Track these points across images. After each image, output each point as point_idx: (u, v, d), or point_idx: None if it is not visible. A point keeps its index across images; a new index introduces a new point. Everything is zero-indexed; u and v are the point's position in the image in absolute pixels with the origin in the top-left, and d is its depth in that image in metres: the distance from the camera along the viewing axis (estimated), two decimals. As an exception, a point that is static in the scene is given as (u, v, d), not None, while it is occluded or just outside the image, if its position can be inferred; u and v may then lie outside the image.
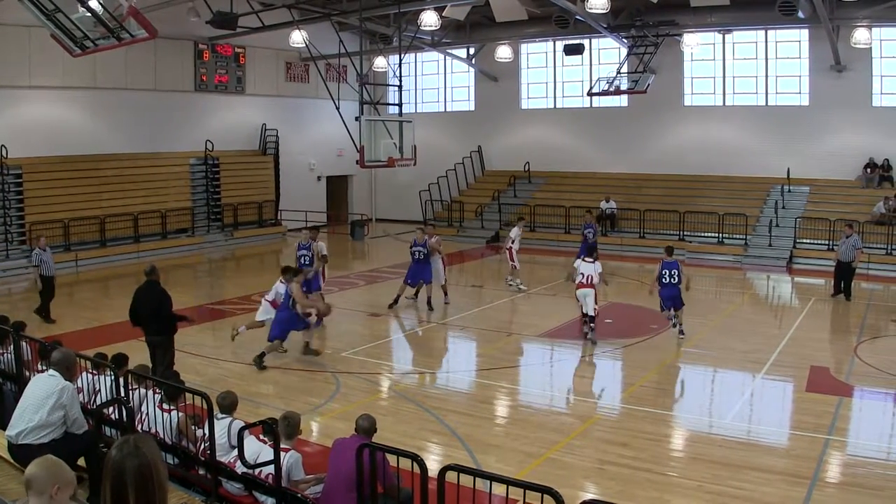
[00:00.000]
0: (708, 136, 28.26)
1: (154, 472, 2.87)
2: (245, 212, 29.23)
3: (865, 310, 17.71)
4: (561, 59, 30.74)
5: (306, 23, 25.49)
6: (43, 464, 3.53)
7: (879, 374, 12.14)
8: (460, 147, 33.48)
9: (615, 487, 8.11)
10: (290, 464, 6.64)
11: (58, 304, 18.77)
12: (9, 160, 22.54)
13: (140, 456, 2.86)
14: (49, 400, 6.46)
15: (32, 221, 22.70)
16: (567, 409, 11.32)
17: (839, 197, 25.06)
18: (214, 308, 17.28)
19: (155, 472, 2.87)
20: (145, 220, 25.51)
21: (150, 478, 2.86)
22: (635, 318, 16.55)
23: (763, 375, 12.40)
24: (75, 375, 7.23)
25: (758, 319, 17.19)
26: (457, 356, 14.71)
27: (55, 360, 6.73)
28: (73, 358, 6.90)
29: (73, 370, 6.96)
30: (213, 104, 29.20)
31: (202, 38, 27.87)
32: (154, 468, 2.88)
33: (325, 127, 30.43)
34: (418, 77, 35.48)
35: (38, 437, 6.37)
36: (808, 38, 26.06)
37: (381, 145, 20.29)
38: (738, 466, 8.60)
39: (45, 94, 24.06)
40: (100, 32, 14.04)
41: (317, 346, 13.49)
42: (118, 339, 13.19)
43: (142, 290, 11.05)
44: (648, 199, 27.70)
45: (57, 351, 6.95)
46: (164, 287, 11.08)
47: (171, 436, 7.34)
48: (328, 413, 10.54)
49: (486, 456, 8.95)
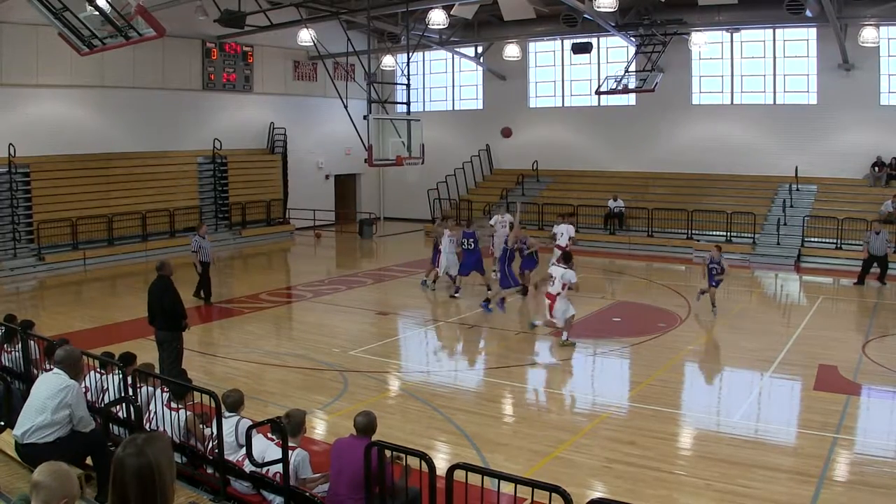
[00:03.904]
0: (716, 134, 28.18)
1: (156, 473, 2.79)
2: (253, 210, 29.28)
3: (874, 308, 17.66)
4: (569, 57, 30.66)
5: (314, 21, 25.51)
6: (54, 474, 3.48)
7: (888, 373, 12.09)
8: (468, 146, 33.48)
9: (623, 486, 8.10)
10: (298, 461, 6.64)
11: (66, 302, 18.89)
12: (17, 159, 22.60)
13: (142, 456, 2.81)
14: (54, 399, 6.42)
15: (40, 220, 22.80)
16: (575, 407, 11.31)
17: (847, 196, 24.97)
18: (222, 307, 17.31)
19: (157, 474, 2.79)
20: (153, 218, 25.60)
21: (151, 479, 2.78)
22: (643, 317, 16.52)
23: (771, 374, 12.36)
24: (81, 373, 7.19)
25: (766, 318, 17.14)
26: (465, 354, 14.70)
27: (59, 359, 6.69)
28: (77, 356, 6.85)
29: (78, 368, 6.89)
30: (221, 103, 29.25)
31: (210, 37, 27.92)
32: (156, 470, 2.81)
33: (333, 126, 30.46)
34: (426, 76, 35.46)
35: (44, 437, 6.35)
36: (816, 37, 25.96)
37: (389, 144, 20.31)
38: (747, 465, 8.58)
39: (53, 92, 24.15)
40: (107, 31, 14.07)
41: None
42: (126, 337, 13.25)
43: (152, 285, 11.08)
44: (656, 197, 27.67)
45: (61, 349, 6.91)
46: (171, 282, 11.03)
47: (180, 434, 7.35)
48: (336, 412, 10.54)
49: (494, 454, 8.95)
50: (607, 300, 18.40)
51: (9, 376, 8.90)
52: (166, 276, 11.04)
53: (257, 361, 12.99)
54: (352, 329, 15.73)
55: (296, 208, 30.93)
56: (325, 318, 16.77)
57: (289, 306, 18.45)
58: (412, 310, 17.72)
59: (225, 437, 6.81)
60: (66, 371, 6.62)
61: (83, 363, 7.14)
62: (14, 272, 21.69)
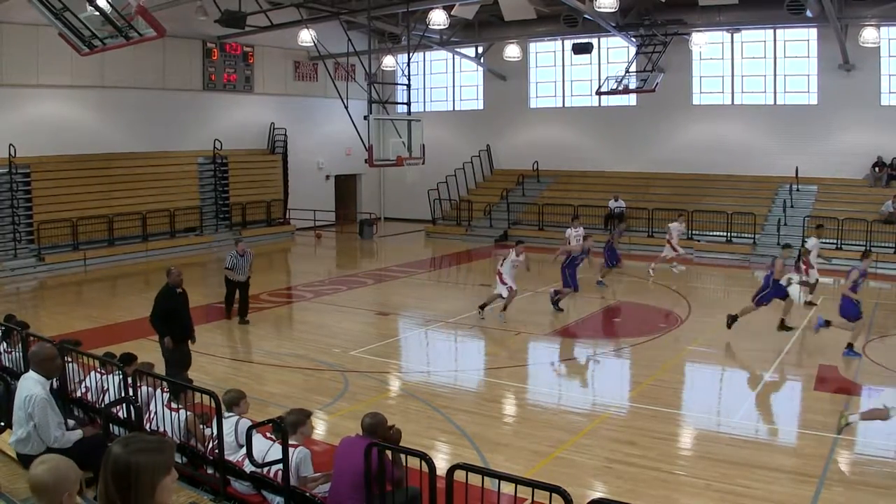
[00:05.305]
0: (716, 135, 28.18)
1: (132, 473, 2.66)
2: (253, 211, 29.30)
3: (873, 309, 17.64)
4: (569, 58, 30.69)
5: (315, 22, 25.52)
6: (49, 470, 3.38)
7: (888, 373, 12.09)
8: (469, 146, 33.47)
9: (623, 486, 8.10)
10: (299, 459, 6.62)
11: (66, 303, 18.90)
12: (17, 159, 22.63)
13: (122, 454, 2.74)
14: (23, 409, 6.25)
15: (40, 220, 22.81)
16: (575, 407, 11.30)
17: (847, 196, 24.97)
18: (222, 307, 17.28)
19: (134, 473, 2.69)
20: (154, 219, 25.61)
21: (126, 477, 2.69)
22: (644, 317, 16.52)
23: (771, 374, 12.37)
24: (56, 371, 6.91)
25: (766, 318, 17.12)
26: (465, 355, 14.70)
27: (30, 356, 6.45)
28: (45, 353, 6.56)
29: (51, 366, 6.57)
30: (221, 103, 29.26)
31: (211, 37, 27.93)
32: (133, 469, 2.72)
33: (334, 126, 30.45)
34: (427, 76, 35.48)
35: (27, 449, 6.25)
36: (817, 37, 25.99)
37: (389, 144, 20.31)
38: (747, 465, 8.58)
39: (54, 92, 24.16)
40: (108, 31, 14.09)
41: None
42: (126, 338, 13.26)
43: (178, 303, 10.95)
44: (657, 197, 27.66)
45: (35, 345, 6.74)
46: (165, 289, 10.89)
47: (180, 435, 7.34)
48: (336, 412, 10.54)
49: (495, 455, 8.95)
50: (607, 300, 18.40)
51: (8, 376, 8.91)
52: (168, 282, 10.89)
53: (258, 362, 12.98)
54: (352, 329, 15.73)
55: (296, 208, 30.94)
56: (326, 318, 16.76)
57: (289, 306, 18.45)
58: (412, 310, 17.72)
59: (225, 437, 6.81)
60: (38, 369, 6.42)
61: (57, 360, 6.82)
62: (14, 272, 21.70)
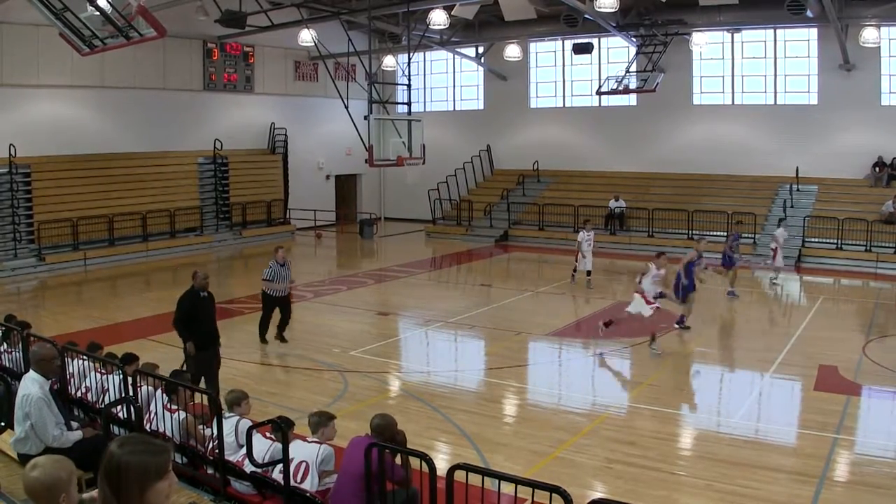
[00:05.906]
0: (716, 135, 28.17)
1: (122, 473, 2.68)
2: (254, 211, 29.28)
3: (874, 309, 17.66)
4: (570, 58, 30.67)
5: (315, 22, 25.51)
6: (41, 474, 3.37)
7: (888, 373, 12.09)
8: (469, 146, 33.45)
9: (623, 486, 8.10)
10: (325, 454, 6.60)
11: (67, 303, 18.91)
12: (17, 159, 22.61)
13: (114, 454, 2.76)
14: (21, 409, 6.28)
15: (41, 220, 22.81)
16: (575, 407, 11.29)
17: (848, 196, 24.96)
18: (223, 307, 17.28)
19: (123, 473, 2.72)
20: (154, 219, 25.60)
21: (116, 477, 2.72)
22: (644, 318, 16.46)
23: (771, 374, 12.37)
24: (54, 371, 6.98)
25: (766, 318, 17.15)
26: (465, 355, 14.70)
27: (30, 355, 6.51)
28: (44, 353, 6.64)
29: (49, 366, 6.66)
30: (221, 103, 29.26)
31: (211, 37, 27.93)
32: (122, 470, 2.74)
33: (334, 126, 30.43)
34: (427, 76, 35.47)
35: (26, 448, 6.27)
36: (817, 37, 25.97)
37: (389, 144, 20.30)
38: (747, 465, 8.58)
39: (54, 92, 24.16)
40: (108, 31, 14.11)
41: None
42: (127, 338, 13.27)
43: (206, 307, 10.56)
44: (657, 197, 27.65)
45: (35, 345, 6.80)
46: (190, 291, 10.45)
47: (179, 436, 7.34)
48: (336, 412, 10.51)
49: (495, 455, 8.95)
50: (608, 300, 18.40)
51: (9, 377, 8.92)
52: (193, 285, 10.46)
53: (258, 362, 12.99)
54: (352, 329, 15.73)
55: (296, 208, 30.94)
56: (326, 318, 16.76)
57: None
58: (412, 310, 17.72)
59: (225, 437, 6.80)
60: (37, 369, 6.48)
61: (56, 361, 6.92)
62: (15, 272, 21.69)
